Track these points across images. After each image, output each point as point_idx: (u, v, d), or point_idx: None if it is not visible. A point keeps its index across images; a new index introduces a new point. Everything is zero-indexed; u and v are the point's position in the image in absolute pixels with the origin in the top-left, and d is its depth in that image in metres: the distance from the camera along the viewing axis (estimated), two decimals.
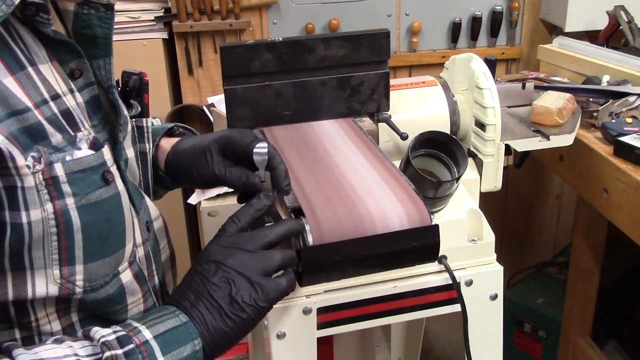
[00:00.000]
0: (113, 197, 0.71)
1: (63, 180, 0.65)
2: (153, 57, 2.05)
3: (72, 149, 0.66)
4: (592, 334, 1.92)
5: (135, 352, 0.64)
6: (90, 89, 0.73)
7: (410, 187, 0.85)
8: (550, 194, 2.48)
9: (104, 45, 0.75)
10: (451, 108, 1.26)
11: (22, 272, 0.65)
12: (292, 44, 1.03)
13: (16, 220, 0.62)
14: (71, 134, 0.67)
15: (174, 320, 0.69)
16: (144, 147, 0.89)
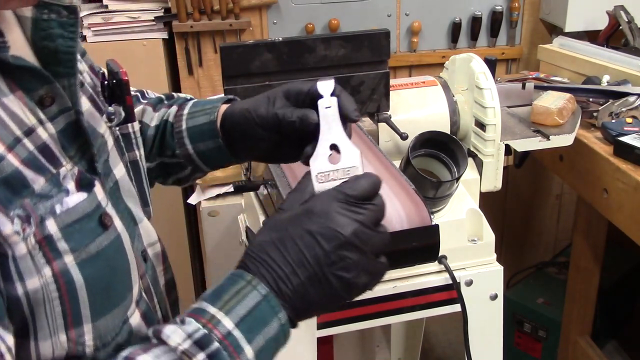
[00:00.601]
0: (114, 241, 0.63)
1: (58, 237, 0.56)
2: (153, 57, 2.05)
3: (59, 192, 0.57)
4: (592, 334, 1.92)
5: (220, 351, 0.56)
6: (66, 116, 0.62)
7: (410, 187, 0.85)
8: (550, 194, 2.48)
9: (67, 61, 0.62)
10: (451, 108, 1.26)
11: (25, 340, 0.57)
12: (292, 44, 1.03)
13: (11, 292, 0.54)
14: (53, 172, 0.57)
15: (252, 295, 0.59)
16: (133, 155, 0.78)
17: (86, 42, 2.02)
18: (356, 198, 0.63)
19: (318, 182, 0.66)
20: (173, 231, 2.26)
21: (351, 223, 0.61)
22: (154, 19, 2.01)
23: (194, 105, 0.89)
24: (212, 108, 0.85)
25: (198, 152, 0.85)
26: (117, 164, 0.71)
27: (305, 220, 0.62)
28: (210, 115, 0.84)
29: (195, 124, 0.85)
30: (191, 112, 0.87)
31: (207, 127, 0.84)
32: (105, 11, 2.00)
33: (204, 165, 0.88)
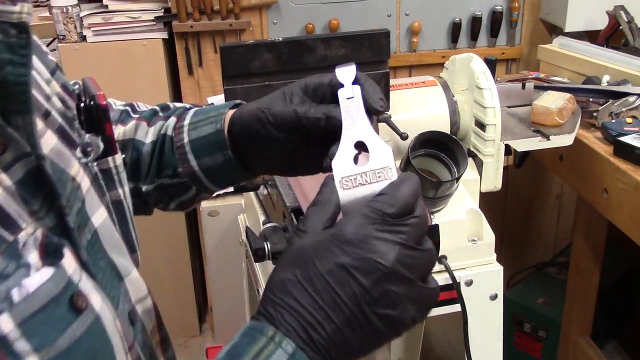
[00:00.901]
0: (92, 326, 0.48)
1: (15, 336, 0.41)
2: (153, 57, 2.05)
3: (16, 270, 0.43)
4: (592, 334, 1.92)
5: None
6: (24, 163, 0.48)
7: None
8: (550, 194, 2.48)
9: (19, 94, 0.47)
10: (451, 108, 1.26)
11: None
12: (292, 44, 1.03)
13: None
14: (9, 240, 0.44)
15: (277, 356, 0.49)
16: (116, 194, 0.64)
17: (86, 42, 2.02)
18: (396, 215, 0.51)
19: (343, 188, 0.55)
20: (173, 231, 2.26)
21: (392, 248, 0.50)
22: (154, 19, 2.01)
23: (195, 114, 0.77)
24: (217, 115, 0.73)
25: (204, 169, 0.74)
26: (96, 208, 0.57)
27: (336, 250, 0.50)
28: (217, 123, 0.72)
29: (199, 135, 0.73)
30: (193, 122, 0.75)
31: (213, 138, 0.72)
32: (105, 11, 2.00)
33: (211, 184, 0.76)
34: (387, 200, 0.52)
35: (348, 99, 0.59)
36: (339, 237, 0.51)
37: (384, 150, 0.57)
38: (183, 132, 0.74)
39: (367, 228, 0.50)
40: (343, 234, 0.51)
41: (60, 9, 1.97)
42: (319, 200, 0.55)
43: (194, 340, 2.46)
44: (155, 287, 0.80)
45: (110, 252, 0.57)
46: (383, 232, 0.50)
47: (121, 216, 0.65)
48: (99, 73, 2.05)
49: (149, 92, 2.09)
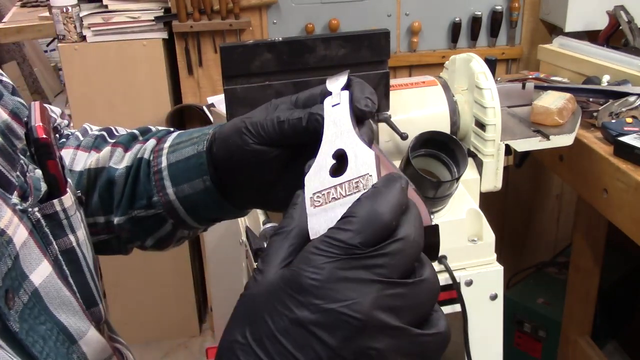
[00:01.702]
0: None
1: None
2: (153, 57, 2.05)
3: None
4: (592, 334, 1.92)
5: None
6: None
7: (410, 187, 0.85)
8: (550, 194, 2.48)
9: None
10: (451, 108, 1.26)
11: None
12: (292, 44, 1.03)
13: None
14: None
15: None
16: (66, 242, 0.53)
17: (86, 42, 2.02)
18: (367, 244, 0.38)
19: (314, 206, 0.43)
20: None
21: (365, 291, 0.37)
22: (154, 19, 2.01)
23: (178, 136, 0.68)
24: (200, 136, 0.64)
25: (181, 198, 0.64)
26: (36, 264, 0.48)
27: (290, 302, 0.38)
28: (198, 144, 0.63)
29: (178, 158, 0.64)
30: (174, 145, 0.66)
31: (193, 161, 0.63)
32: (105, 11, 2.00)
33: (189, 217, 0.66)
34: (353, 225, 0.38)
35: (333, 106, 0.51)
36: (292, 283, 0.38)
37: (364, 156, 0.44)
38: (162, 156, 0.66)
39: (328, 268, 0.38)
40: (297, 279, 0.38)
41: (60, 9, 1.97)
42: (282, 228, 0.43)
43: (194, 340, 2.47)
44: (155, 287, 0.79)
45: (57, 313, 0.49)
46: (350, 269, 0.37)
47: (74, 266, 0.54)
48: (99, 73, 2.06)
49: (149, 92, 2.09)
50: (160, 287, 2.32)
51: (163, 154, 0.66)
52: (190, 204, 0.65)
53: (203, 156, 0.63)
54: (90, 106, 2.09)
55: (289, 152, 0.58)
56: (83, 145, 0.72)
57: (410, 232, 0.40)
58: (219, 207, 0.64)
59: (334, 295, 0.37)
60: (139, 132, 0.74)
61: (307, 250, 0.39)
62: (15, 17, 2.40)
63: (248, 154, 0.58)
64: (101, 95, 2.08)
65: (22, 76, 4.44)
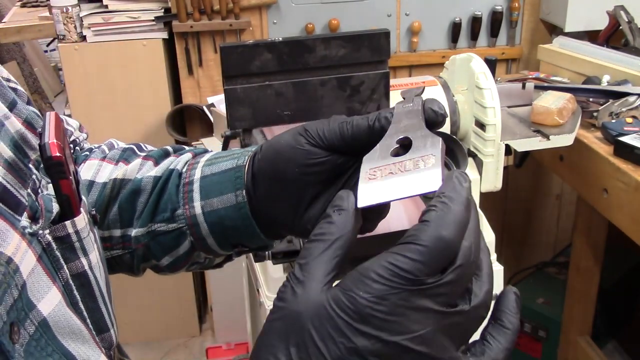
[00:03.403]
0: None
1: None
2: (153, 57, 2.05)
3: None
4: (592, 334, 1.92)
5: None
6: None
7: None
8: (550, 194, 2.48)
9: None
10: (451, 108, 1.26)
11: None
12: (292, 44, 1.03)
13: None
14: None
15: None
16: (78, 266, 0.50)
17: (86, 42, 2.02)
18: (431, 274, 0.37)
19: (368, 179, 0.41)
20: None
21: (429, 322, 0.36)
22: (154, 19, 2.01)
23: (218, 153, 0.65)
24: (243, 152, 0.61)
25: (207, 213, 0.61)
26: (45, 291, 0.46)
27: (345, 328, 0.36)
28: (239, 158, 0.60)
29: (214, 170, 0.61)
30: (212, 159, 0.63)
31: (230, 175, 0.60)
32: (105, 11, 2.00)
33: (210, 237, 0.62)
34: (421, 255, 0.36)
35: (404, 106, 0.48)
36: (349, 310, 0.36)
37: (431, 140, 0.43)
38: (196, 168, 0.63)
39: (392, 300, 0.36)
40: (356, 306, 0.36)
41: (60, 9, 1.97)
42: (323, 233, 0.40)
43: (194, 340, 2.47)
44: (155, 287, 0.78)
45: (65, 342, 0.46)
46: (414, 300, 0.36)
47: (86, 291, 0.51)
48: (99, 73, 2.06)
49: (149, 92, 2.09)
50: (160, 287, 2.32)
51: (198, 167, 0.63)
52: (215, 221, 0.61)
53: (241, 170, 0.59)
54: (90, 106, 2.09)
55: (338, 164, 0.54)
56: (109, 157, 0.69)
57: (471, 251, 0.38)
58: (246, 228, 0.60)
59: (397, 328, 0.36)
60: (172, 149, 0.70)
61: (366, 275, 0.37)
62: (15, 17, 2.40)
63: (297, 155, 0.54)
64: (101, 95, 2.08)
65: (22, 76, 4.44)
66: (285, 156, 0.55)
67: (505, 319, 0.41)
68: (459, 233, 0.38)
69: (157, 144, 0.71)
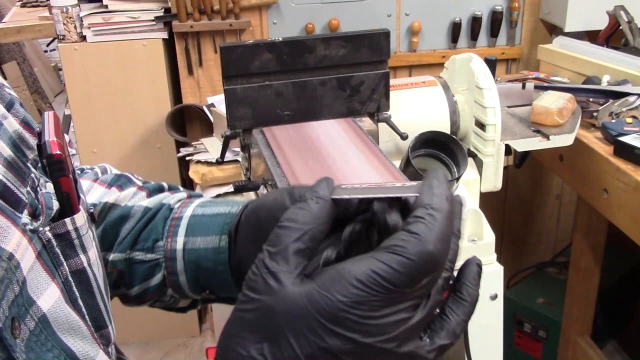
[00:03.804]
0: None
1: None
2: (153, 57, 2.05)
3: None
4: (592, 334, 1.92)
5: None
6: None
7: None
8: (550, 194, 2.48)
9: None
10: (451, 108, 1.26)
11: None
12: (292, 44, 1.03)
13: None
14: None
15: None
16: (77, 262, 0.50)
17: (86, 42, 2.02)
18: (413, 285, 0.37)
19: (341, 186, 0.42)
20: None
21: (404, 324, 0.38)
22: (154, 19, 2.01)
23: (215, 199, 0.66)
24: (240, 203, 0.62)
25: (187, 250, 0.62)
26: (44, 288, 0.46)
27: (320, 329, 0.37)
28: (232, 206, 0.61)
29: (205, 212, 0.62)
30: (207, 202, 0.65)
31: (220, 219, 0.61)
32: (105, 11, 2.00)
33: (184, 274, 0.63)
34: (405, 267, 0.36)
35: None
36: (325, 311, 0.36)
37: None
38: (189, 206, 0.63)
39: (369, 305, 0.36)
40: (332, 309, 0.36)
41: (60, 9, 1.97)
42: (296, 220, 0.40)
43: (194, 340, 2.47)
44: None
45: (64, 338, 0.47)
46: (391, 306, 0.37)
47: (85, 287, 0.52)
48: (99, 73, 2.06)
49: (149, 92, 2.09)
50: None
51: (191, 206, 0.64)
52: (192, 259, 0.62)
53: (232, 217, 0.60)
54: (90, 106, 2.09)
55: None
56: (102, 180, 0.70)
57: (453, 258, 0.40)
58: (219, 273, 0.61)
59: (371, 330, 0.36)
60: (168, 186, 0.71)
61: (346, 278, 0.37)
62: (15, 17, 2.40)
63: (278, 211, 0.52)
64: (101, 95, 2.08)
65: (22, 76, 4.44)
66: (267, 206, 0.55)
67: (464, 291, 0.42)
68: (444, 248, 0.38)
69: (156, 143, 0.72)
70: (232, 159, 1.73)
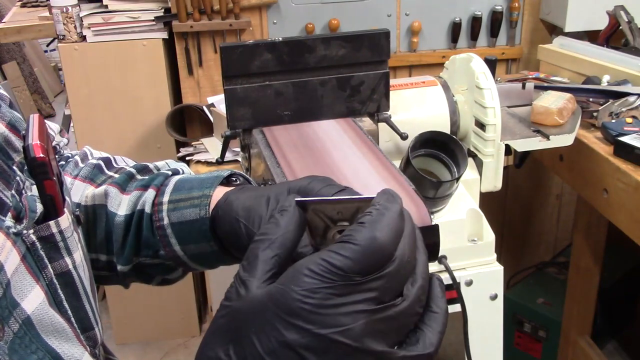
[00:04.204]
0: None
1: None
2: (153, 57, 2.05)
3: None
4: (592, 334, 1.92)
5: None
6: None
7: (410, 187, 0.85)
8: (550, 194, 2.48)
9: None
10: (451, 108, 1.26)
11: None
12: (292, 44, 1.03)
13: None
14: None
15: None
16: (62, 265, 0.51)
17: (86, 42, 2.02)
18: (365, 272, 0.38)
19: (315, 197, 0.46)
20: None
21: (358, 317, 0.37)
22: (154, 19, 2.01)
23: (176, 188, 0.66)
24: (201, 197, 0.63)
25: (191, 255, 0.65)
26: (28, 290, 0.46)
27: (278, 323, 0.37)
28: (200, 208, 0.63)
29: (181, 219, 0.64)
30: (174, 201, 0.65)
31: (197, 226, 0.63)
32: (105, 11, 2.00)
33: (200, 267, 0.67)
34: (353, 252, 0.37)
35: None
36: (281, 304, 0.37)
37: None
38: (162, 211, 0.65)
39: (322, 293, 0.37)
40: (288, 301, 0.37)
41: (60, 9, 1.97)
42: (266, 234, 0.42)
43: (194, 340, 2.47)
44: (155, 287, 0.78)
45: (49, 340, 0.47)
46: (344, 296, 0.37)
47: (70, 290, 0.52)
48: (99, 73, 2.06)
49: (149, 92, 2.09)
50: (160, 287, 2.32)
51: (163, 210, 0.65)
52: (199, 260, 0.65)
53: (206, 222, 0.62)
54: (90, 106, 2.09)
55: None
56: (81, 175, 0.71)
57: (405, 253, 0.40)
58: (231, 261, 0.64)
59: (327, 321, 0.37)
60: (136, 170, 0.71)
61: (299, 270, 0.38)
62: (15, 17, 2.40)
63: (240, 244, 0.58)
64: (101, 95, 2.08)
65: (22, 76, 4.44)
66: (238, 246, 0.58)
67: (433, 305, 0.42)
68: (393, 236, 0.39)
69: (156, 143, 0.72)
70: (232, 159, 1.73)
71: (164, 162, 0.75)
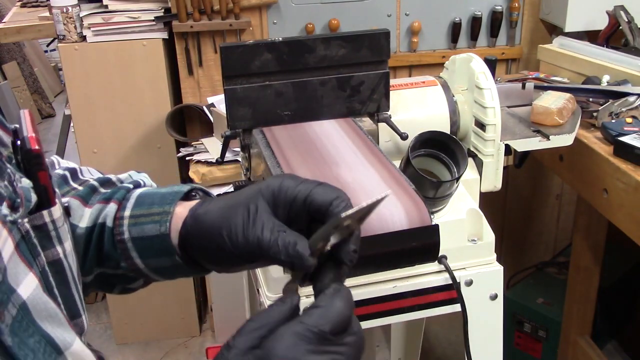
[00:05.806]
0: None
1: None
2: (153, 57, 2.05)
3: None
4: (592, 334, 1.92)
5: None
6: None
7: (410, 187, 0.85)
8: (550, 194, 2.48)
9: None
10: (451, 108, 1.26)
11: None
12: (292, 44, 1.03)
13: None
14: None
15: None
16: (54, 253, 0.53)
17: (86, 42, 2.02)
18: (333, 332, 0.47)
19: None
20: None
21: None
22: (154, 19, 2.01)
23: (137, 203, 0.67)
24: (161, 214, 0.64)
25: (151, 268, 0.66)
26: (23, 276, 0.48)
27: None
28: (161, 225, 0.63)
29: (140, 234, 0.64)
30: (135, 216, 0.66)
31: (158, 243, 0.63)
32: (105, 11, 2.00)
33: (161, 278, 0.68)
34: (322, 315, 0.46)
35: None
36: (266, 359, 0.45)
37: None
38: (123, 226, 0.65)
39: (301, 348, 0.45)
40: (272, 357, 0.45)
41: (60, 9, 1.97)
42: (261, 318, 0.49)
43: (194, 340, 2.47)
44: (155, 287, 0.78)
45: (43, 325, 0.49)
46: (319, 353, 0.45)
47: (60, 278, 0.54)
48: (99, 73, 2.06)
49: (149, 92, 2.09)
50: (160, 287, 2.31)
51: (124, 224, 0.65)
52: (160, 272, 0.66)
53: (166, 239, 0.63)
54: (90, 106, 2.09)
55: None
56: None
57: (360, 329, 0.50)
58: (192, 273, 0.66)
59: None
60: (99, 183, 0.71)
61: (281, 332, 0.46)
62: (15, 17, 2.40)
63: (230, 261, 0.60)
64: (101, 95, 2.08)
65: (22, 76, 4.44)
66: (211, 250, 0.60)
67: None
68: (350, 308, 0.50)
69: (157, 143, 0.72)
70: (232, 159, 1.73)
71: (127, 174, 0.75)
